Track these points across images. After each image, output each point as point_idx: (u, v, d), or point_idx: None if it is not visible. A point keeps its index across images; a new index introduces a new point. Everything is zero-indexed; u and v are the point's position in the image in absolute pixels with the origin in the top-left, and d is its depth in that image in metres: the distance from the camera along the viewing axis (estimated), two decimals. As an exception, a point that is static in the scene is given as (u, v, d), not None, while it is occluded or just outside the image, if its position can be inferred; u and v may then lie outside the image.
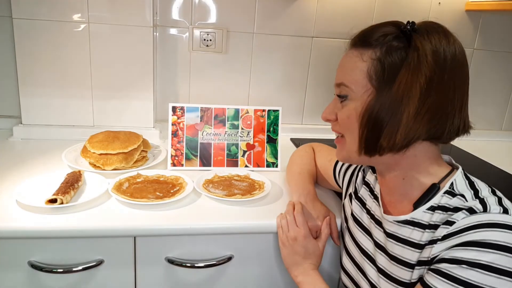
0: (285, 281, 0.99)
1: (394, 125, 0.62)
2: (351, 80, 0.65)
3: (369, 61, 0.63)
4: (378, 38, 0.63)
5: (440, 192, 0.65)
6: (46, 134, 1.32)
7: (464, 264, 0.55)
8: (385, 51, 0.62)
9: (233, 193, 1.01)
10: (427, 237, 0.63)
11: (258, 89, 1.53)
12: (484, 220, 0.57)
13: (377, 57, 0.62)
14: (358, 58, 0.64)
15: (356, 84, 0.65)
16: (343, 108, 0.68)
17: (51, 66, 1.27)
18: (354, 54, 0.65)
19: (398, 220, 0.69)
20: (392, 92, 0.61)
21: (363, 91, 0.64)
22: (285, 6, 1.44)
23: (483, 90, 1.66)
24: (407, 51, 0.61)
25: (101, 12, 1.25)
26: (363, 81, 0.64)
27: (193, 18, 1.41)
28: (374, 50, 0.63)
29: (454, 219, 0.60)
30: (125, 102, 1.35)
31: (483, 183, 0.66)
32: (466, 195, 0.62)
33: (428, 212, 0.65)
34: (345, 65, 0.67)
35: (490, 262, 0.53)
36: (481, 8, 1.50)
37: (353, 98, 0.66)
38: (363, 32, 0.66)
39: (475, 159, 1.44)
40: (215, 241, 0.92)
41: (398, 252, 0.68)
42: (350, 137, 0.68)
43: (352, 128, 0.67)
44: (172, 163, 1.15)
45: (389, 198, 0.74)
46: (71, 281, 0.89)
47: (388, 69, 0.61)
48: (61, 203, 0.88)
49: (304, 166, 1.03)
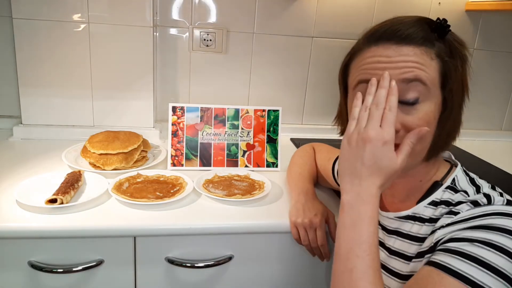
0: (285, 281, 0.99)
1: (459, 119, 0.64)
2: (428, 77, 0.59)
3: (437, 60, 0.60)
4: (428, 36, 0.60)
5: (441, 188, 0.65)
6: (46, 134, 1.32)
7: (477, 242, 0.53)
8: (440, 48, 0.61)
9: (233, 193, 1.01)
10: (426, 230, 0.64)
11: (258, 89, 1.53)
12: (490, 210, 0.57)
13: (439, 55, 0.60)
14: (426, 55, 0.59)
15: (432, 84, 0.60)
16: (417, 113, 0.60)
17: (51, 66, 1.27)
18: (419, 50, 0.59)
19: (399, 216, 0.69)
20: (459, 89, 0.62)
21: (436, 92, 0.61)
22: (285, 6, 1.44)
23: (483, 90, 1.66)
24: (454, 44, 0.62)
25: (101, 12, 1.25)
26: (438, 81, 0.60)
27: (193, 18, 1.41)
28: (434, 48, 0.60)
29: (458, 209, 0.60)
30: (125, 102, 1.35)
31: (482, 180, 0.67)
32: (468, 191, 0.63)
33: (430, 207, 0.65)
34: (410, 60, 0.59)
35: (501, 244, 0.53)
36: (481, 8, 1.50)
37: (427, 99, 0.60)
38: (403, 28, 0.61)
39: (475, 159, 1.44)
40: (215, 241, 0.92)
41: (397, 246, 0.68)
42: (422, 144, 0.62)
43: (427, 134, 0.61)
44: (172, 163, 1.15)
45: (391, 199, 0.74)
46: (71, 281, 0.89)
47: (450, 67, 0.61)
48: (61, 203, 0.88)
49: (304, 166, 1.04)
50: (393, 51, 0.60)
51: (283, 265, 0.97)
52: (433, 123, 0.61)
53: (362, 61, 0.63)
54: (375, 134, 0.57)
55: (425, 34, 0.60)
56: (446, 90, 0.61)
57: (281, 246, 0.95)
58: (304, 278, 0.98)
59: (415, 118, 0.59)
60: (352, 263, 0.55)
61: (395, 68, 0.59)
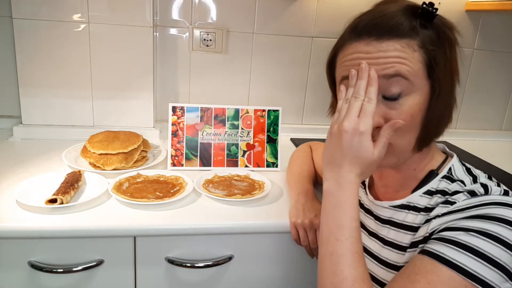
0: (285, 281, 0.99)
1: (450, 107, 0.62)
2: (410, 71, 0.58)
3: (421, 51, 0.58)
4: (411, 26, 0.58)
5: (438, 177, 0.65)
6: (46, 134, 1.32)
7: (472, 231, 0.53)
8: (425, 36, 0.59)
9: (233, 193, 1.01)
10: (421, 219, 0.63)
11: (258, 89, 1.53)
12: (487, 200, 0.56)
13: (423, 44, 0.58)
14: (407, 48, 0.58)
15: (415, 76, 0.59)
16: (401, 108, 0.59)
17: (51, 66, 1.27)
18: (399, 44, 0.58)
19: (393, 205, 0.68)
20: (446, 74, 0.60)
21: (422, 83, 0.59)
22: (285, 6, 1.44)
23: (483, 90, 1.66)
24: (442, 30, 0.60)
25: (101, 12, 1.25)
26: (423, 73, 0.59)
27: (193, 18, 1.41)
28: (417, 38, 0.58)
29: (454, 199, 0.59)
30: (125, 102, 1.35)
31: (478, 170, 0.66)
32: (465, 181, 0.62)
33: (425, 196, 0.64)
34: (390, 55, 0.58)
35: (498, 233, 0.52)
36: (481, 8, 1.50)
37: (411, 92, 0.59)
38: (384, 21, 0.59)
39: (475, 159, 1.44)
40: (215, 241, 0.92)
41: (391, 237, 0.67)
42: (408, 138, 0.62)
43: (413, 126, 0.61)
44: (172, 163, 1.15)
45: (385, 190, 0.73)
46: (71, 281, 0.89)
47: (437, 55, 0.59)
48: (61, 203, 0.88)
49: (303, 166, 1.04)
50: (373, 47, 0.59)
51: (283, 265, 0.97)
52: (418, 114, 0.60)
53: (344, 57, 0.64)
54: (350, 125, 0.59)
55: (407, 25, 0.58)
56: (433, 78, 0.60)
57: (281, 246, 0.95)
58: (304, 278, 0.98)
59: (398, 113, 0.60)
60: (332, 246, 0.58)
61: (375, 64, 0.59)
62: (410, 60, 0.58)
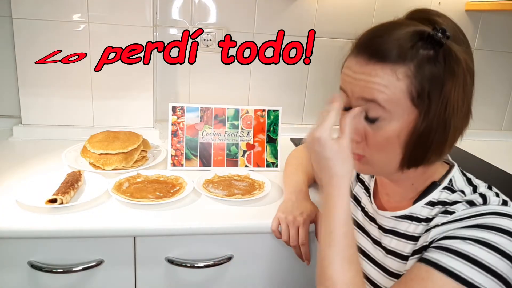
0: (285, 281, 0.99)
1: (444, 137, 0.59)
2: (387, 99, 0.57)
3: (406, 79, 0.56)
4: (406, 50, 0.56)
5: (439, 188, 0.65)
6: (46, 134, 1.32)
7: (469, 240, 0.53)
8: (420, 65, 0.56)
9: (233, 193, 1.01)
10: (422, 229, 0.64)
11: (258, 89, 1.53)
12: (485, 210, 0.57)
13: (413, 73, 0.56)
14: (390, 75, 0.56)
15: (394, 105, 0.57)
16: (377, 130, 0.60)
17: (51, 66, 1.27)
18: (382, 70, 0.57)
19: (396, 215, 0.69)
20: (440, 106, 0.57)
21: (404, 112, 0.57)
22: (285, 6, 1.44)
23: (483, 90, 1.66)
24: (445, 59, 0.56)
25: (101, 12, 1.25)
26: (405, 102, 0.57)
27: (193, 18, 1.41)
28: (408, 65, 0.56)
29: (453, 209, 0.60)
30: (125, 102, 1.35)
31: (479, 180, 0.66)
32: (465, 191, 0.63)
33: (427, 207, 0.65)
34: (371, 80, 0.57)
35: (495, 242, 0.53)
36: (481, 8, 1.50)
37: (390, 119, 0.58)
38: (378, 42, 0.58)
39: (475, 159, 1.44)
40: (215, 241, 0.92)
41: (393, 246, 0.68)
42: (385, 156, 0.62)
43: (390, 149, 0.61)
44: (172, 163, 1.15)
45: (387, 198, 0.74)
46: (71, 281, 0.89)
47: (431, 85, 0.56)
48: (61, 203, 0.88)
49: (299, 166, 1.04)
50: (360, 68, 0.59)
51: (282, 265, 0.97)
52: (396, 139, 0.59)
53: (344, 68, 0.64)
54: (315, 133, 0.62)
55: (397, 52, 0.56)
56: (422, 109, 0.57)
57: (281, 246, 0.94)
58: (304, 278, 0.99)
59: (374, 134, 0.60)
60: (324, 251, 0.59)
61: (356, 86, 0.60)
62: (391, 88, 0.56)
